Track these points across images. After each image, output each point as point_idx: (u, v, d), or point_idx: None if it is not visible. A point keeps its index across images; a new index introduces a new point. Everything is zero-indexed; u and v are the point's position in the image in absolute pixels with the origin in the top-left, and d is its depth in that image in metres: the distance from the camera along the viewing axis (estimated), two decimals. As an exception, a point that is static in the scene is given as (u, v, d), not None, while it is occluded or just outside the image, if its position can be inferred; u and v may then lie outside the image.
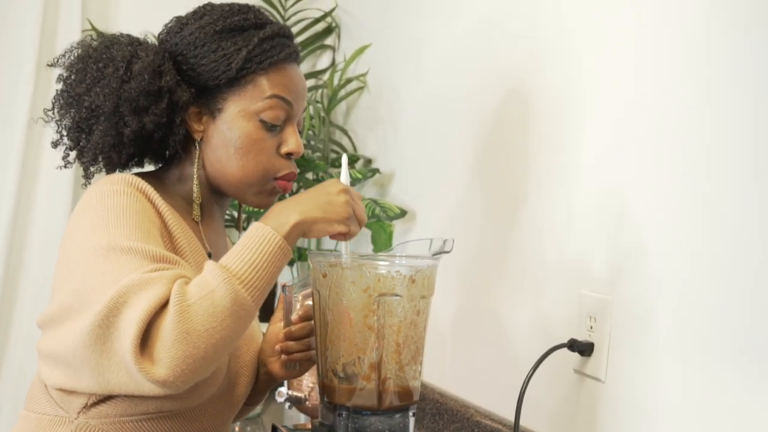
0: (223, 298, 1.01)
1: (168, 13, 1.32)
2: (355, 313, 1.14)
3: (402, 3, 2.15)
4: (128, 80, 1.19)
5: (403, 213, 1.99)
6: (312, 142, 2.25)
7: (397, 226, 2.06)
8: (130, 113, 1.18)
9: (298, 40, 2.43)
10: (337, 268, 1.15)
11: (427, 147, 1.95)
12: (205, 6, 1.28)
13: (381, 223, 2.05)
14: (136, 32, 1.31)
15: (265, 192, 1.25)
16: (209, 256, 1.26)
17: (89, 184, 1.25)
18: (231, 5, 1.27)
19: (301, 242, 2.31)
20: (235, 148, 1.21)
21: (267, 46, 1.23)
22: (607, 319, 1.34)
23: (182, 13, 1.29)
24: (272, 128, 1.23)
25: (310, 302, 1.27)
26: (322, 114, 2.28)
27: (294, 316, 1.28)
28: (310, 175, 2.20)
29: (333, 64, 2.46)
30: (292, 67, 1.27)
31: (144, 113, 1.19)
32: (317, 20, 2.43)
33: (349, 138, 2.30)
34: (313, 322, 1.25)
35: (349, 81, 2.27)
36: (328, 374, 1.17)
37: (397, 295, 1.14)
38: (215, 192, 1.29)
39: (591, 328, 1.38)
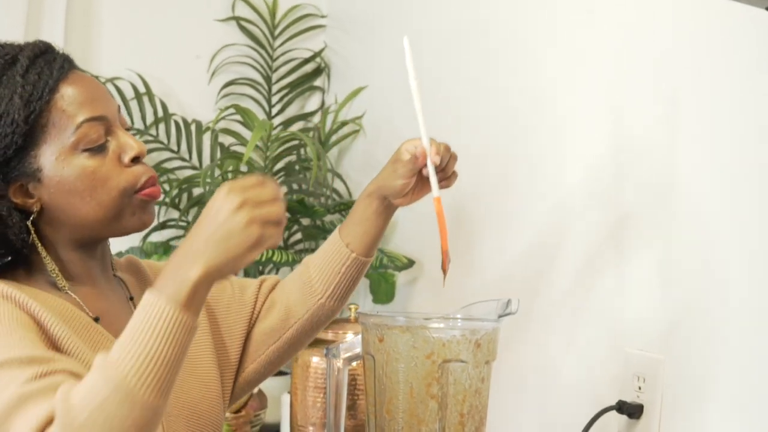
0: (119, 406, 0.84)
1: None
2: (417, 382, 1.05)
3: (393, 43, 2.08)
4: None
5: (410, 263, 1.90)
6: (303, 186, 2.16)
7: (400, 277, 1.97)
8: None
9: (287, 81, 2.34)
10: (395, 332, 1.06)
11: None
12: None
13: (383, 272, 1.96)
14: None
15: (137, 209, 1.10)
16: (96, 320, 1.09)
17: None
18: None
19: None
20: (79, 193, 1.07)
21: (34, 77, 1.07)
22: (658, 379, 1.27)
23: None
24: (101, 149, 1.08)
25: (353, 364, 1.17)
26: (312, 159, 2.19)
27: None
28: (306, 221, 2.10)
29: (323, 106, 2.38)
30: (74, 77, 1.10)
31: None
32: (306, 61, 2.35)
33: (344, 183, 2.21)
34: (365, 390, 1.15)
35: (344, 124, 2.19)
36: (383, 447, 1.07)
37: (462, 361, 1.05)
38: (83, 248, 1.12)
39: (639, 389, 1.31)
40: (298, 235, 2.14)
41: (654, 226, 1.31)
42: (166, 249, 2.08)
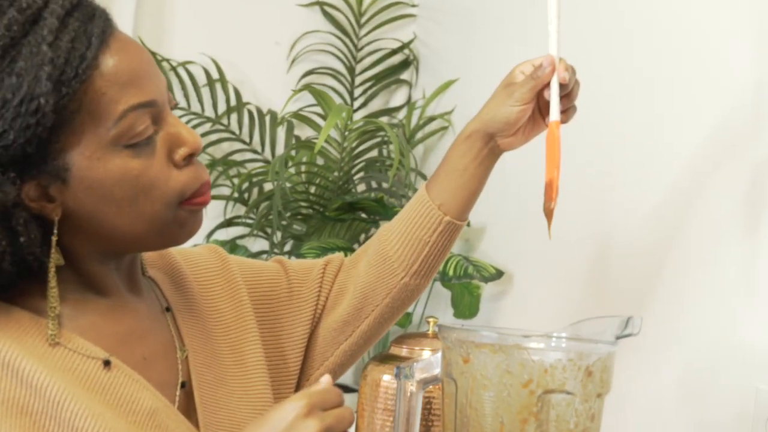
0: None
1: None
2: (509, 416, 0.84)
3: (488, 33, 1.89)
4: None
5: (499, 274, 1.69)
6: (383, 185, 1.97)
7: (485, 289, 1.77)
8: None
9: (371, 73, 2.16)
10: (484, 351, 0.85)
11: (528, 197, 1.67)
12: None
13: (467, 283, 1.76)
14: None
15: (183, 222, 0.88)
16: (107, 363, 0.86)
17: None
18: None
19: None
20: (116, 202, 0.84)
21: (66, 44, 0.80)
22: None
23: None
24: (147, 144, 0.84)
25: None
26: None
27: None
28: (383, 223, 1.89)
29: (409, 101, 2.19)
30: (116, 45, 0.83)
31: None
32: (393, 52, 2.17)
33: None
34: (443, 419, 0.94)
35: (431, 119, 1.99)
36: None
37: (568, 393, 0.84)
38: (110, 261, 0.90)
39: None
40: (375, 238, 1.95)
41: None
42: (232, 247, 1.92)
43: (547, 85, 0.99)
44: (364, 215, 1.83)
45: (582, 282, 1.52)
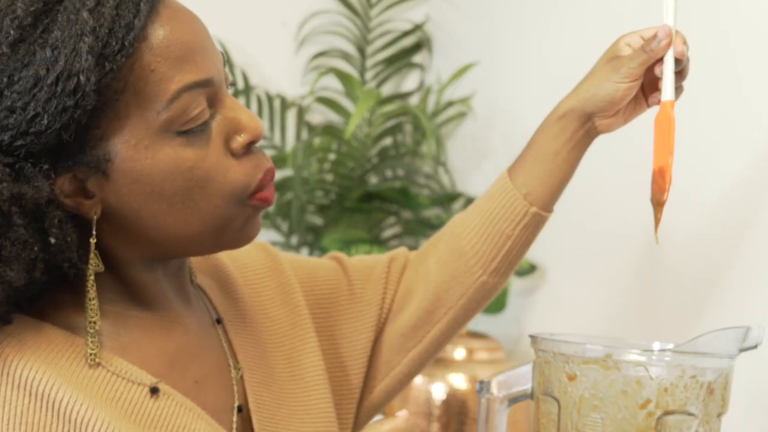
0: None
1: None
2: (624, 439, 0.75)
3: (508, 14, 1.80)
4: None
5: (531, 268, 1.61)
6: (399, 173, 1.88)
7: (514, 284, 1.68)
8: None
9: (383, 55, 2.06)
10: (595, 368, 0.76)
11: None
12: None
13: (493, 278, 1.67)
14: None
15: (244, 222, 0.77)
16: (154, 391, 0.76)
17: None
18: None
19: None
20: (167, 198, 0.73)
21: (110, 12, 0.69)
22: None
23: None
24: (203, 129, 0.73)
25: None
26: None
27: None
28: (406, 215, 1.80)
29: (422, 85, 2.09)
30: (167, 12, 0.72)
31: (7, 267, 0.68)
32: (406, 33, 2.07)
33: (447, 172, 1.92)
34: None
35: (450, 105, 1.90)
36: None
37: (690, 414, 0.75)
38: (157, 267, 0.79)
39: None
40: (395, 229, 1.85)
41: None
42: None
43: (660, 59, 0.88)
44: (383, 205, 1.73)
45: (626, 281, 1.43)
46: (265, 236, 1.90)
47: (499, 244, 0.95)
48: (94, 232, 0.73)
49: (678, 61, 0.88)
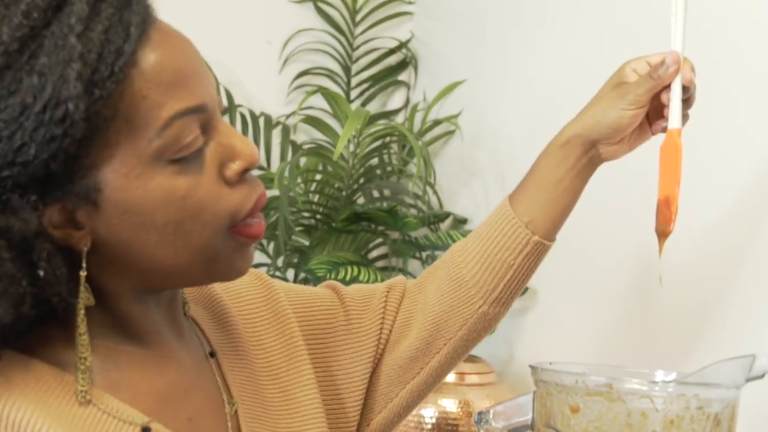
0: None
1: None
2: (630, 473, 0.73)
3: (494, 32, 1.79)
4: None
5: (524, 289, 1.58)
6: (385, 193, 1.86)
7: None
8: None
9: (368, 74, 2.04)
10: (599, 400, 0.74)
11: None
12: None
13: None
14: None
15: (233, 254, 0.75)
16: (145, 431, 0.73)
17: None
18: None
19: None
20: (158, 229, 0.70)
21: (99, 36, 0.66)
22: None
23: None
24: (196, 156, 0.71)
25: None
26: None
27: None
28: (394, 235, 1.78)
29: (407, 103, 2.08)
30: (158, 36, 0.69)
31: None
32: (391, 51, 2.05)
33: (435, 192, 1.90)
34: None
35: (437, 123, 1.88)
36: None
37: (696, 447, 0.74)
38: (148, 299, 0.76)
39: None
40: (382, 250, 1.83)
41: None
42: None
43: (667, 87, 0.87)
44: (370, 226, 1.71)
45: (618, 304, 1.42)
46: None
47: (500, 273, 0.93)
48: (84, 265, 0.71)
49: (685, 89, 0.87)
